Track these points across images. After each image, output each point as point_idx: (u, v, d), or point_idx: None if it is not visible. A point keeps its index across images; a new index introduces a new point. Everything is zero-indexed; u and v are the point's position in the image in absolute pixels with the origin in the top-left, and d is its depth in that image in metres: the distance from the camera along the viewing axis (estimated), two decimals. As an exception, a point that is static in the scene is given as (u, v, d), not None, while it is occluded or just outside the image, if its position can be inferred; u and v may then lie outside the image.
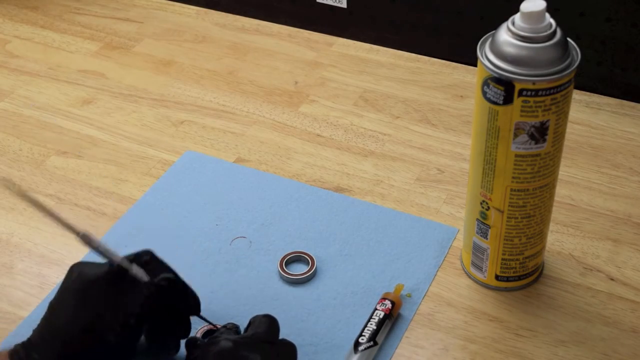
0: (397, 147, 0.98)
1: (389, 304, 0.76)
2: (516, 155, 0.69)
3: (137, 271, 0.69)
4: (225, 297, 0.80)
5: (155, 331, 0.72)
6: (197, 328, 0.75)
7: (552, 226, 0.84)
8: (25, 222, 0.90)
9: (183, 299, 0.72)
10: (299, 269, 0.82)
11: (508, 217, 0.74)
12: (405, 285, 0.79)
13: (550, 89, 0.65)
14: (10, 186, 0.72)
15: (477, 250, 0.78)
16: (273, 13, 1.22)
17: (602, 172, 0.93)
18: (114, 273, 0.69)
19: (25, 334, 0.69)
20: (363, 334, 0.74)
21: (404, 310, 0.78)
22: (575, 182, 0.92)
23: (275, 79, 1.11)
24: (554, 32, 0.66)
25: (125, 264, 0.69)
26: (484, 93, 0.68)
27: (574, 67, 0.66)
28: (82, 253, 0.82)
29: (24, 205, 0.92)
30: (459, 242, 0.84)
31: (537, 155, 0.69)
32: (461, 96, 1.06)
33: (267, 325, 0.69)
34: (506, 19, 0.67)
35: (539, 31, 0.65)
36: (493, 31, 0.68)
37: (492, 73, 0.66)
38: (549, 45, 0.65)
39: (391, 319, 0.76)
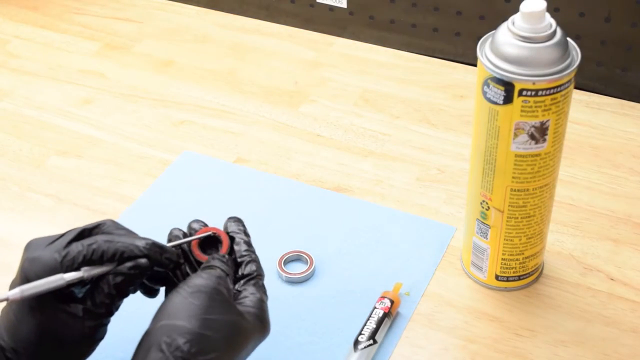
0: (397, 147, 0.98)
1: (387, 303, 0.76)
2: (516, 155, 0.69)
3: (73, 276, 0.62)
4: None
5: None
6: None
7: (552, 226, 0.84)
8: (25, 222, 0.90)
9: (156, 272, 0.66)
10: (298, 268, 0.82)
11: (508, 217, 0.74)
12: (403, 283, 0.79)
13: (550, 89, 0.65)
14: None
15: (477, 250, 0.78)
16: (273, 13, 1.22)
17: (602, 172, 0.93)
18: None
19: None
20: (362, 332, 0.74)
21: (403, 309, 0.78)
22: (575, 182, 0.92)
23: (275, 79, 1.11)
24: (554, 32, 0.66)
25: (62, 283, 0.61)
26: (484, 93, 0.68)
27: (574, 67, 0.66)
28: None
29: (23, 206, 0.92)
30: (459, 242, 0.84)
31: (537, 155, 0.69)
32: (461, 96, 1.06)
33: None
34: (506, 19, 0.67)
35: (539, 31, 0.65)
36: (493, 31, 0.68)
37: (492, 73, 0.66)
38: (549, 45, 0.65)
39: (390, 318, 0.76)
